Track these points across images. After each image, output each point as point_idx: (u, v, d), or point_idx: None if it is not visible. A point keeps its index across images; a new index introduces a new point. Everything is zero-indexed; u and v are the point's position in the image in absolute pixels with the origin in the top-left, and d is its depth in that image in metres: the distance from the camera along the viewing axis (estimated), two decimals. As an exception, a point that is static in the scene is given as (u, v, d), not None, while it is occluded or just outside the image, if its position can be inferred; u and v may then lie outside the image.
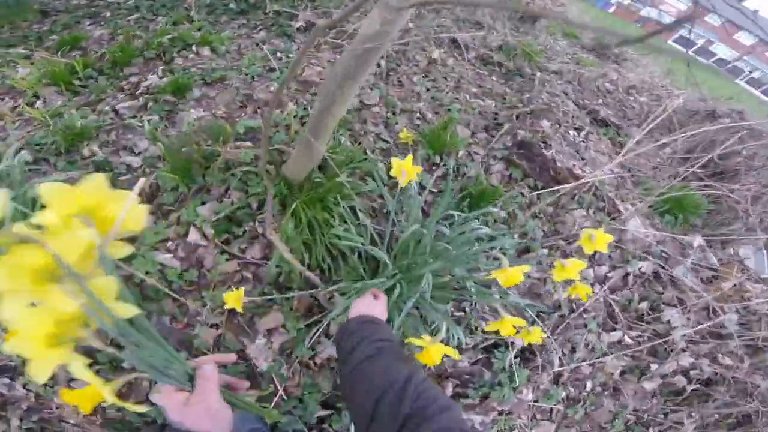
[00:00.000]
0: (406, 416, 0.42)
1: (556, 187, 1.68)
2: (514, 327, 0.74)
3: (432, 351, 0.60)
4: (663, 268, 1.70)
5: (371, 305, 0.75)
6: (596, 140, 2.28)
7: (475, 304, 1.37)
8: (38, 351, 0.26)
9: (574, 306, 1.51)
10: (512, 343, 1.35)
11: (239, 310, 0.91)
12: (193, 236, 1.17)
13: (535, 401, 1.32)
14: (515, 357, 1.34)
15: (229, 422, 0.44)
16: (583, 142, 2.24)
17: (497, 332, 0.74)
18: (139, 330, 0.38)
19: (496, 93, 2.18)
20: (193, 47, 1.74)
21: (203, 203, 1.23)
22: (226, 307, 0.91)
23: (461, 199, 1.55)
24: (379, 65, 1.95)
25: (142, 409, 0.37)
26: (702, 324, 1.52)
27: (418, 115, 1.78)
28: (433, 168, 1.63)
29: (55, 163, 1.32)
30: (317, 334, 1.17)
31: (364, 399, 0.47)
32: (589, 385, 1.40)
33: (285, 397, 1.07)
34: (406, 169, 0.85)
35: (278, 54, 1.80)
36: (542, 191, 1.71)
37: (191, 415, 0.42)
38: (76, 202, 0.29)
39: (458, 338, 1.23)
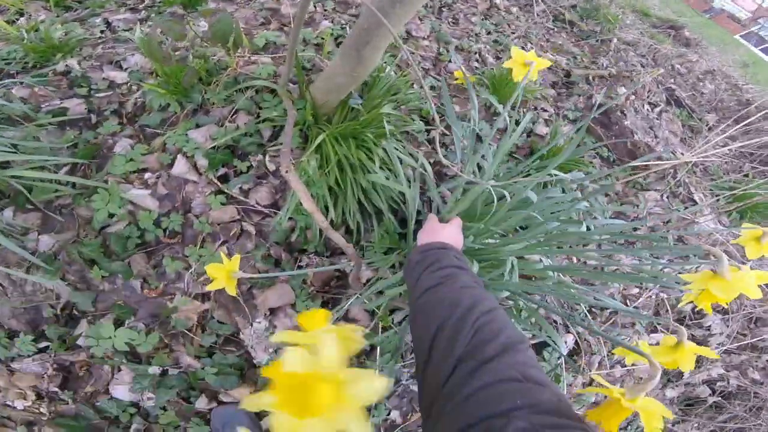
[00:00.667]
0: (459, 358, 0.34)
1: (643, 163, 1.36)
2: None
3: (684, 353, 0.37)
4: None
5: (436, 231, 0.63)
6: (669, 119, 2.03)
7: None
8: None
9: (627, 302, 1.33)
10: (565, 341, 1.14)
11: (232, 293, 0.57)
12: (180, 167, 0.84)
13: None
14: (562, 357, 1.05)
15: None
16: (657, 119, 1.98)
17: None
18: None
19: (567, 51, 1.82)
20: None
21: (198, 126, 0.90)
22: (208, 288, 0.57)
23: (526, 158, 1.18)
24: None
25: None
26: (743, 335, 1.46)
27: (476, 56, 1.43)
28: (494, 119, 1.27)
29: (21, 79, 1.03)
30: (335, 319, 0.81)
31: (421, 335, 0.39)
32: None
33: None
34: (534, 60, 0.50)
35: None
36: (623, 165, 1.40)
37: None
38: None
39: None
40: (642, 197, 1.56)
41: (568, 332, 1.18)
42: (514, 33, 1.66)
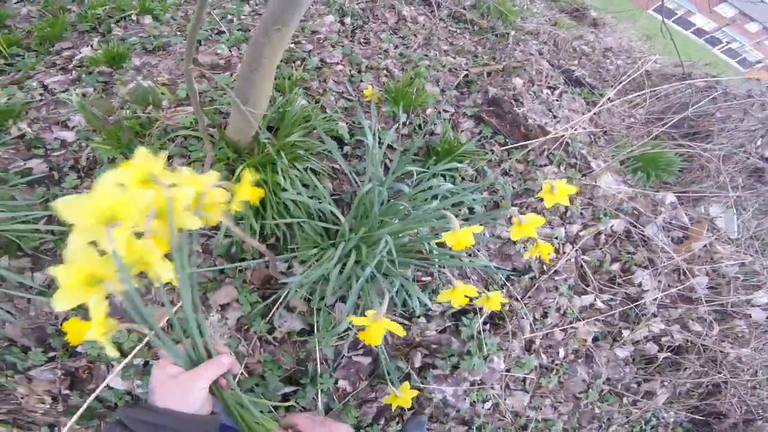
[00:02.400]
0: None
1: (525, 142, 1.63)
2: (466, 296, 0.67)
3: (373, 329, 0.51)
4: (634, 226, 1.67)
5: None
6: (570, 99, 2.27)
7: (442, 267, 1.30)
8: (73, 283, 0.29)
9: (545, 268, 1.47)
10: (480, 309, 1.29)
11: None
12: (133, 209, 1.07)
13: (508, 370, 1.27)
14: (484, 324, 1.28)
15: (201, 409, 0.39)
16: (557, 100, 2.23)
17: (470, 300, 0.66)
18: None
19: (468, 51, 2.09)
20: (133, 16, 1.60)
21: (142, 173, 1.12)
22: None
23: (427, 156, 1.47)
24: (343, 23, 1.84)
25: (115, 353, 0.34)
26: (672, 287, 1.49)
27: (385, 72, 1.68)
28: (398, 126, 1.54)
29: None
30: (276, 308, 1.08)
31: None
32: (561, 352, 1.36)
33: (246, 375, 0.99)
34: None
35: (229, 16, 1.67)
36: (512, 146, 1.66)
37: (172, 391, 0.38)
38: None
39: (425, 305, 1.15)
40: (540, 173, 1.86)
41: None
42: (417, 43, 1.91)
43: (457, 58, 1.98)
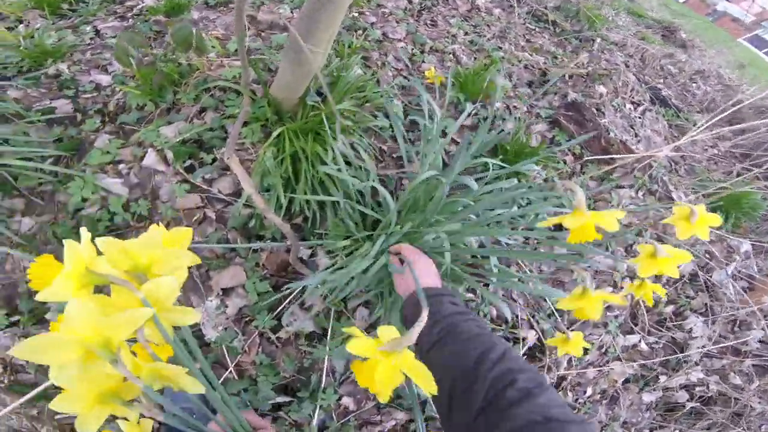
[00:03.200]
0: (479, 409, 0.35)
1: (609, 157, 1.36)
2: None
3: (380, 368, 0.28)
4: (702, 270, 1.56)
5: (412, 273, 0.52)
6: (653, 119, 2.04)
7: (488, 286, 1.03)
8: (87, 408, 0.27)
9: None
10: (524, 338, 1.14)
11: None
12: (151, 159, 0.92)
13: None
14: (523, 355, 1.12)
15: None
16: (639, 117, 1.99)
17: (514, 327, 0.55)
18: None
19: (546, 50, 1.85)
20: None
21: (169, 123, 0.97)
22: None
23: (492, 154, 1.22)
24: (410, 1, 1.67)
25: None
26: (724, 338, 1.44)
27: (451, 56, 1.48)
28: (463, 115, 1.31)
29: (15, 82, 1.14)
30: (288, 302, 0.86)
31: (439, 390, 0.34)
32: (589, 391, 1.24)
33: (236, 377, 0.77)
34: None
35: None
36: (590, 159, 1.40)
37: None
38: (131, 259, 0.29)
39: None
40: (615, 194, 1.57)
41: (532, 328, 1.19)
42: (492, 34, 1.71)
43: (534, 56, 1.75)
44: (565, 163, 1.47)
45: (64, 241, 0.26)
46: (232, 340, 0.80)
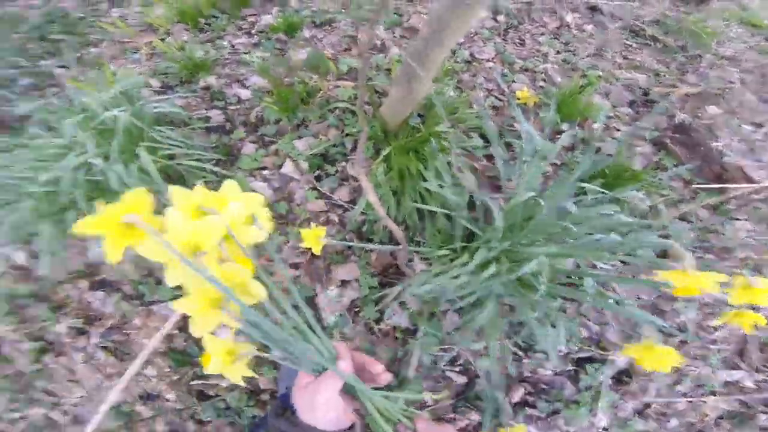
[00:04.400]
0: None
1: (725, 186, 1.29)
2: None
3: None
4: None
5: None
6: None
7: (581, 305, 1.11)
8: (202, 311, 0.31)
9: (702, 333, 1.23)
10: (613, 360, 1.13)
11: (317, 252, 0.82)
12: (288, 168, 1.14)
13: (605, 429, 1.09)
14: (611, 378, 1.11)
15: (338, 422, 0.37)
16: (762, 141, 1.77)
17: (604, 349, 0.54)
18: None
19: (648, 68, 1.77)
20: (307, -9, 1.72)
21: (300, 137, 1.18)
22: (302, 245, 0.83)
23: (591, 178, 1.26)
24: (496, 20, 1.71)
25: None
26: None
27: (542, 76, 1.51)
28: (558, 137, 1.36)
29: (177, 91, 1.42)
30: (392, 299, 1.05)
31: None
32: (673, 422, 1.17)
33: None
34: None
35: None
36: (700, 186, 1.33)
37: (303, 404, 0.37)
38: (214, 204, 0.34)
39: (557, 342, 0.99)
40: (731, 227, 1.40)
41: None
42: (586, 52, 1.68)
43: (633, 74, 1.70)
44: (672, 189, 1.40)
45: (171, 187, 0.32)
46: (345, 325, 1.01)
